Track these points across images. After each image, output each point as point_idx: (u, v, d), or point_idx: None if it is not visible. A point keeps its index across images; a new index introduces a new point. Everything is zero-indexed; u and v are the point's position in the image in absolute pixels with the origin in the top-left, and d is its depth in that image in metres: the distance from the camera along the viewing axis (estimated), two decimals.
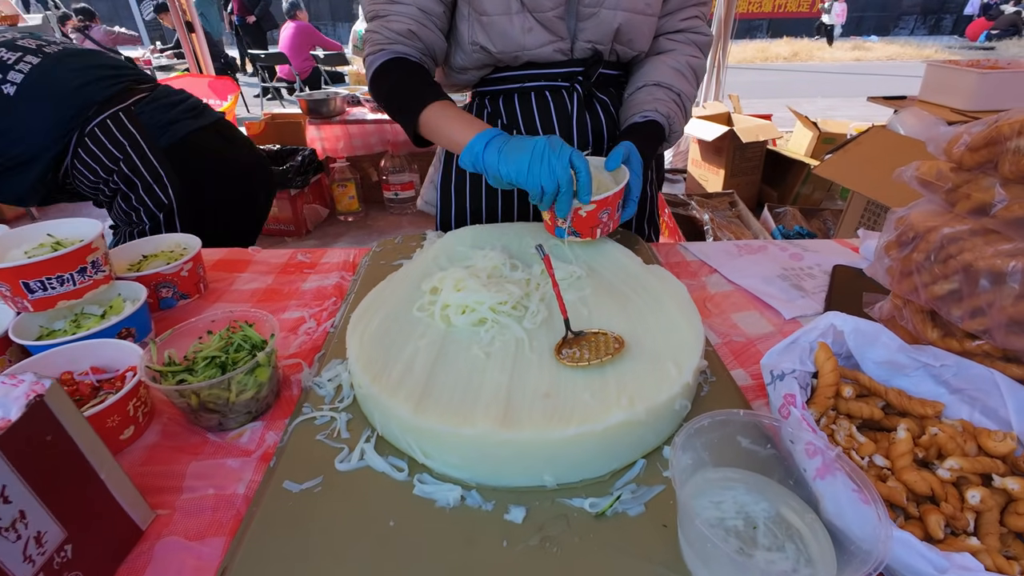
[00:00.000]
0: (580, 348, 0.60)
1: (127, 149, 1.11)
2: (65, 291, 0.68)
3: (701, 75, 0.94)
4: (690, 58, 0.92)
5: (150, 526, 0.50)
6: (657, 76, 0.90)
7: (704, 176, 3.69)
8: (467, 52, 0.87)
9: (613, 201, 0.76)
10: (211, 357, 0.62)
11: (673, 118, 0.88)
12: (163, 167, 1.15)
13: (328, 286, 0.90)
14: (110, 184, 1.15)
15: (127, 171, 1.12)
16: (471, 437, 0.48)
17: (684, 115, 0.91)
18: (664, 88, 0.89)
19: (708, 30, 0.94)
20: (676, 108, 0.89)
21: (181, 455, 0.57)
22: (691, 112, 0.93)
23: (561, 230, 0.78)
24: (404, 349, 0.60)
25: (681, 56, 0.91)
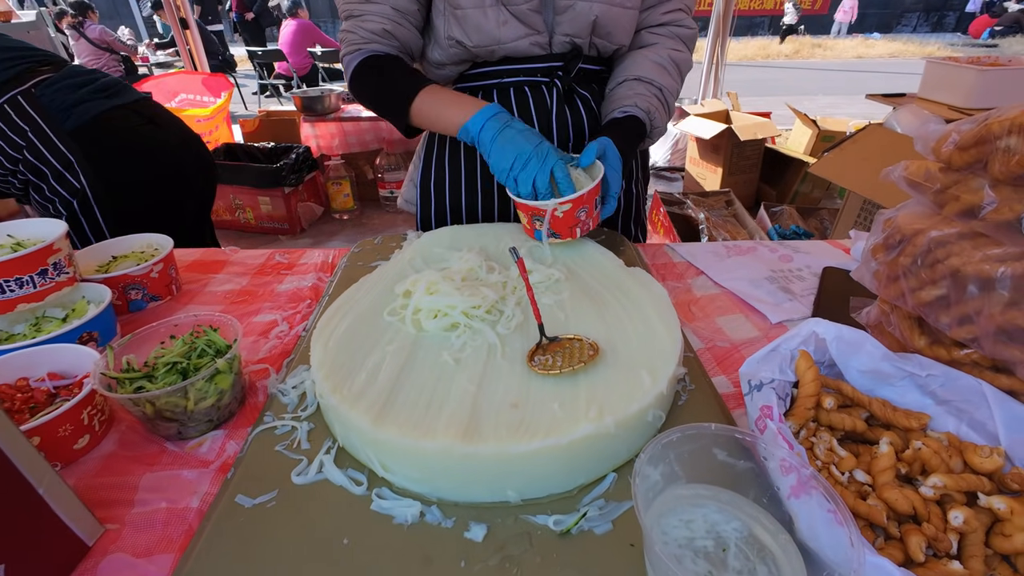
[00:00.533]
0: (553, 355, 0.58)
1: (29, 135, 1.05)
2: (25, 294, 0.66)
3: (685, 69, 0.91)
4: (672, 52, 0.90)
5: (98, 541, 0.48)
6: (638, 71, 0.88)
7: (702, 174, 3.66)
8: (444, 47, 0.85)
9: (589, 199, 0.74)
10: (172, 363, 0.59)
11: (654, 113, 0.86)
12: (71, 152, 1.08)
13: (304, 288, 0.88)
14: (18, 176, 1.09)
15: (32, 159, 1.06)
16: (431, 451, 0.46)
17: (667, 110, 0.89)
18: (645, 83, 0.87)
19: (692, 23, 0.92)
20: (658, 103, 0.87)
21: (136, 466, 0.55)
22: (674, 107, 0.91)
23: (539, 232, 0.76)
24: (370, 355, 0.58)
25: (663, 50, 0.89)
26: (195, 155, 1.34)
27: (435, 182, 0.98)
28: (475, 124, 0.75)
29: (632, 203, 1.04)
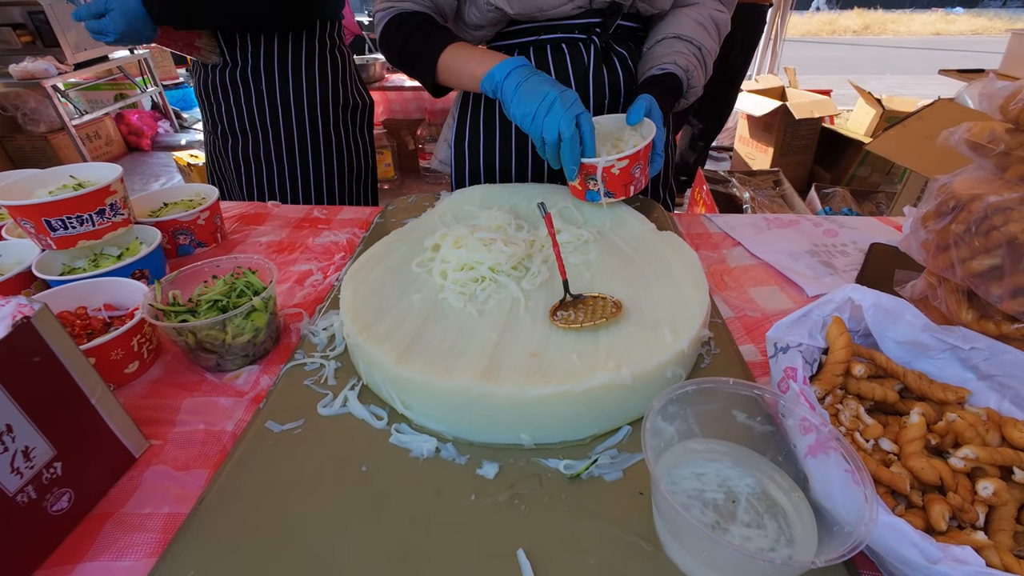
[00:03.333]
0: (576, 311, 0.58)
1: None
2: (85, 231, 0.71)
3: (724, 30, 0.87)
4: (714, 11, 0.86)
5: (143, 454, 0.52)
6: (678, 28, 0.84)
7: (751, 154, 3.49)
8: (482, 11, 0.83)
9: (644, 155, 0.73)
10: (214, 300, 0.63)
11: (692, 72, 0.82)
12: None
13: (340, 242, 0.90)
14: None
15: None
16: (449, 389, 0.47)
17: (704, 70, 0.85)
18: (685, 41, 0.84)
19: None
20: (696, 62, 0.83)
21: (179, 391, 0.59)
22: (711, 68, 0.87)
23: (594, 193, 0.75)
24: (398, 303, 0.60)
25: (705, 8, 0.85)
26: None
27: (469, 142, 0.98)
28: (500, 71, 0.73)
29: (662, 167, 1.01)
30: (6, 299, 0.41)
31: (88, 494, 0.47)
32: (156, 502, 0.47)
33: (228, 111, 1.14)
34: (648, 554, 0.39)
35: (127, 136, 4.37)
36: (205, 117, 1.21)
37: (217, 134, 1.19)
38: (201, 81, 1.17)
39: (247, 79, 1.10)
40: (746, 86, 3.49)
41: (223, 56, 1.09)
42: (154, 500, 0.47)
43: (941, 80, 2.48)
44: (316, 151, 1.18)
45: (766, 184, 2.36)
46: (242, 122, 1.14)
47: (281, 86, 1.11)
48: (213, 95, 1.14)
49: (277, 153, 1.16)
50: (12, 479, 0.40)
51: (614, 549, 0.39)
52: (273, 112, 1.12)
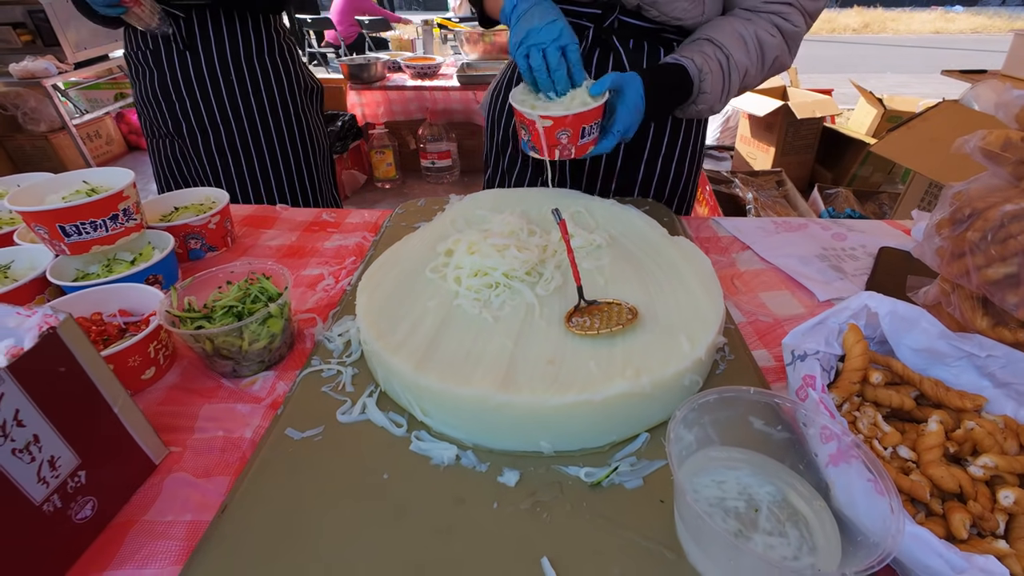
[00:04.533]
0: (591, 317, 0.58)
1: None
2: (98, 236, 0.71)
3: (770, 54, 0.80)
4: (762, 32, 0.79)
5: (163, 461, 0.52)
6: (713, 32, 0.80)
7: (752, 154, 3.50)
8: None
9: (573, 123, 0.71)
10: (229, 306, 0.63)
11: (708, 74, 0.78)
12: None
13: (349, 245, 0.91)
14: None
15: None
16: (468, 397, 0.48)
17: (726, 82, 0.80)
18: (714, 45, 0.79)
19: (799, 21, 0.80)
20: (718, 67, 0.79)
21: (196, 398, 0.59)
22: (736, 86, 0.81)
23: (524, 142, 0.77)
24: (413, 309, 0.60)
25: (751, 26, 0.80)
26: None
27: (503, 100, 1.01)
28: (510, 2, 0.75)
29: (682, 178, 1.00)
30: (31, 310, 0.41)
31: (111, 502, 0.47)
32: (178, 510, 0.47)
33: (196, 107, 1.15)
34: (671, 562, 0.39)
35: (127, 135, 4.36)
36: (160, 121, 1.19)
37: (183, 134, 1.18)
38: (158, 84, 1.14)
39: (214, 70, 1.13)
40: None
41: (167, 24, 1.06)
42: (176, 508, 0.47)
43: (942, 79, 2.48)
44: (291, 134, 1.23)
45: (769, 184, 2.36)
46: (212, 116, 1.15)
47: (250, 74, 1.15)
48: (176, 94, 1.14)
49: (255, 141, 1.19)
50: (39, 488, 0.40)
51: (637, 557, 0.40)
52: (245, 100, 1.16)
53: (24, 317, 0.40)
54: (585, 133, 0.73)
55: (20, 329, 0.39)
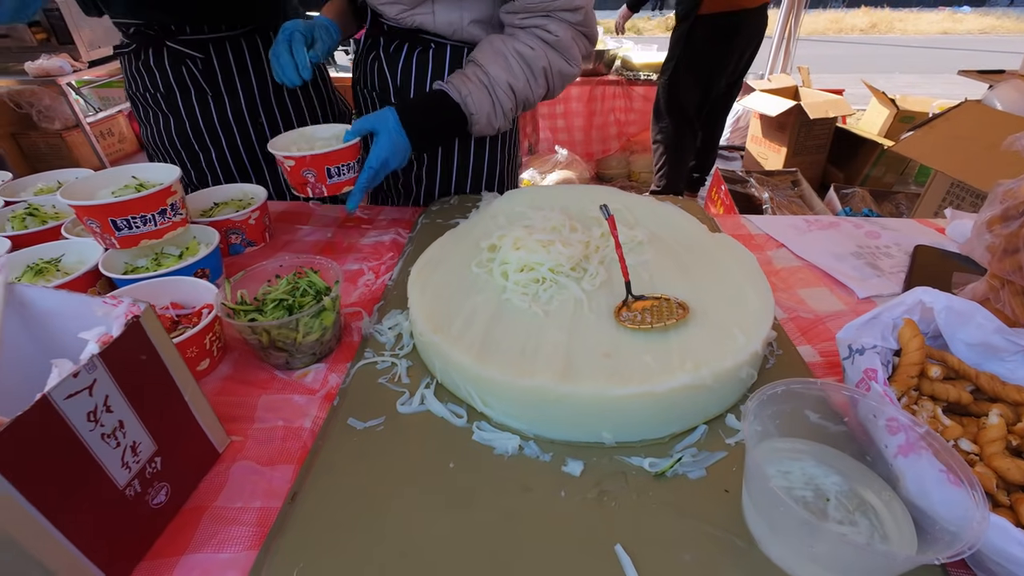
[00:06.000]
0: (641, 312, 0.59)
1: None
2: (147, 231, 0.72)
3: (537, 64, 0.84)
4: (522, 45, 0.84)
5: (226, 450, 0.53)
6: (476, 54, 0.86)
7: (763, 154, 3.50)
8: None
9: (313, 163, 0.77)
10: (279, 300, 0.64)
11: (469, 97, 0.83)
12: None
13: (385, 241, 0.91)
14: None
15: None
16: (531, 389, 0.48)
17: (493, 97, 0.85)
18: (475, 65, 0.85)
19: (557, 29, 0.83)
20: (479, 86, 0.83)
21: (252, 389, 0.60)
22: (515, 99, 0.86)
23: (284, 183, 0.83)
24: (464, 304, 0.61)
25: (513, 41, 0.84)
26: None
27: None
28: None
29: (497, 165, 1.08)
30: (117, 300, 0.42)
31: (181, 488, 0.48)
32: (247, 496, 0.48)
33: (222, 155, 1.07)
34: (742, 550, 0.40)
35: (139, 134, 4.38)
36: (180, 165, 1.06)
37: (207, 181, 1.09)
38: (175, 131, 1.05)
39: (240, 114, 1.05)
40: (759, 85, 3.49)
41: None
42: (244, 495, 0.48)
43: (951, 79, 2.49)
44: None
45: (784, 184, 2.36)
46: (240, 162, 1.08)
47: (281, 110, 1.10)
48: (199, 143, 1.06)
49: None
50: (122, 473, 0.41)
51: (707, 545, 0.41)
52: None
53: (111, 306, 0.41)
54: (333, 174, 0.80)
55: (108, 318, 0.40)
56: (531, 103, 0.90)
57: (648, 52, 3.57)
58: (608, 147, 3.52)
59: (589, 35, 0.88)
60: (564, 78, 0.89)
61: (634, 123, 3.48)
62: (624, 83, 3.32)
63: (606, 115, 3.41)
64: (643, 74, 3.34)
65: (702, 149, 2.97)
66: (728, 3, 2.32)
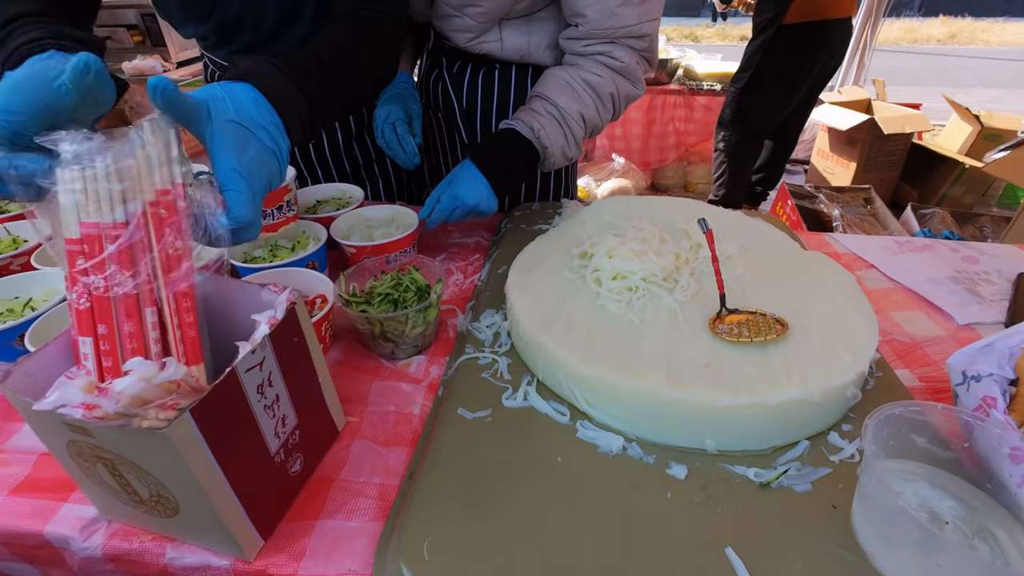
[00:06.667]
0: (738, 325, 0.60)
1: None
2: (267, 224, 0.79)
3: (604, 90, 0.86)
4: (589, 74, 0.85)
5: (344, 428, 0.58)
6: (540, 88, 0.88)
7: (830, 168, 3.37)
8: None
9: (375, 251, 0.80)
10: (386, 294, 0.69)
11: (542, 129, 0.85)
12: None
13: (469, 243, 0.96)
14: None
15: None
16: (637, 392, 0.51)
17: (565, 129, 0.86)
18: (542, 99, 0.86)
19: (623, 55, 0.84)
20: (550, 120, 0.85)
21: (363, 375, 0.65)
22: (586, 128, 0.88)
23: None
24: (561, 307, 0.63)
25: (578, 71, 0.86)
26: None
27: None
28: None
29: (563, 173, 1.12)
30: (281, 288, 0.47)
31: (311, 460, 0.53)
32: (367, 472, 0.53)
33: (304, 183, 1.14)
34: (853, 564, 0.41)
35: None
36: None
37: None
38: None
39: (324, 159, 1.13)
40: (829, 97, 3.37)
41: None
42: (365, 471, 0.53)
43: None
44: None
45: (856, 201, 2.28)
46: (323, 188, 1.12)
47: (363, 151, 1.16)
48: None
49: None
50: (274, 441, 0.46)
51: (817, 557, 0.42)
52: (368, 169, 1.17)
53: (275, 293, 0.47)
54: (391, 260, 0.79)
55: (274, 303, 0.46)
56: (599, 128, 0.92)
57: (712, 62, 3.52)
58: (665, 156, 3.48)
59: (651, 60, 0.89)
60: (629, 100, 0.91)
61: (694, 133, 3.42)
62: (686, 92, 3.28)
63: (665, 124, 3.38)
64: (706, 84, 3.29)
65: (770, 163, 2.89)
66: (813, 12, 2.24)
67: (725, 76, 3.21)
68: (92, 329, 0.39)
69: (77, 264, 0.39)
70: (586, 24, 0.83)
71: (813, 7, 2.24)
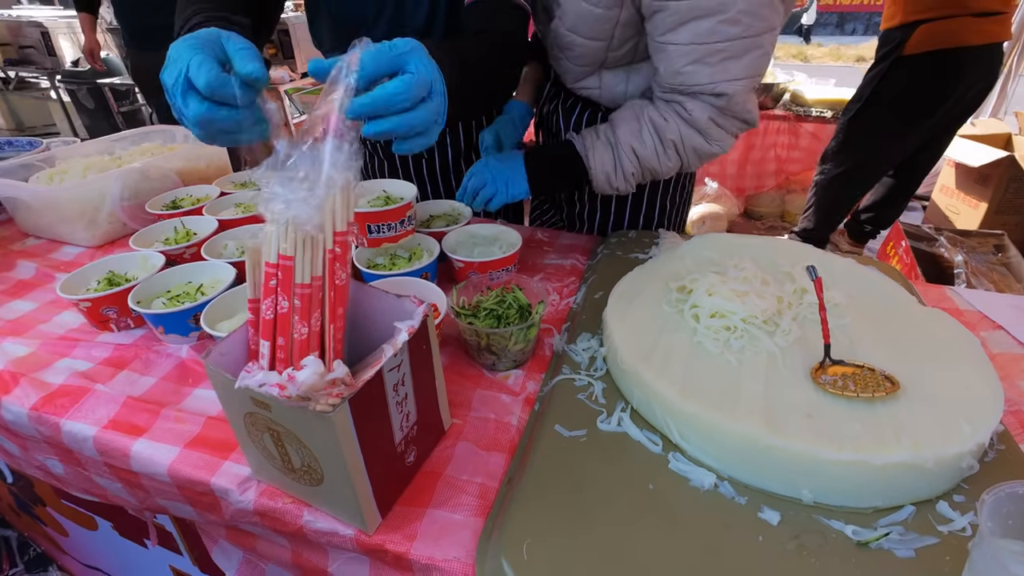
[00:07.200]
0: (843, 378, 0.59)
1: None
2: (390, 235, 0.88)
3: (668, 135, 0.86)
4: (655, 115, 0.86)
5: (449, 429, 0.64)
6: (616, 112, 0.91)
7: (955, 208, 3.05)
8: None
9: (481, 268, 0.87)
10: (491, 309, 0.75)
11: (591, 150, 0.89)
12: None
13: (565, 265, 1.00)
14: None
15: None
16: (734, 433, 0.52)
17: (616, 158, 0.89)
18: (609, 124, 0.90)
19: (695, 108, 0.83)
20: (604, 144, 0.89)
21: (466, 382, 0.71)
22: (638, 164, 0.89)
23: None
24: (659, 339, 0.66)
25: (648, 108, 0.87)
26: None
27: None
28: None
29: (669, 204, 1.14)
30: (419, 300, 0.54)
31: (422, 453, 0.59)
32: (470, 472, 0.58)
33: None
34: None
35: None
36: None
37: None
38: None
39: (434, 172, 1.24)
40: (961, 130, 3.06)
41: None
42: (468, 470, 0.59)
43: None
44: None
45: (984, 247, 2.05)
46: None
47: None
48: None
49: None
50: (399, 434, 0.53)
51: None
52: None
53: (415, 305, 0.54)
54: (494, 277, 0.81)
55: (414, 313, 0.53)
56: (659, 173, 0.91)
57: (823, 87, 3.33)
58: (763, 184, 3.33)
59: (740, 118, 0.85)
60: (700, 155, 0.89)
61: (797, 161, 3.25)
62: (792, 119, 3.13)
63: (766, 150, 3.24)
64: (815, 111, 3.12)
65: (886, 201, 2.64)
66: (948, 39, 1.99)
67: (837, 103, 3.03)
68: (272, 335, 0.48)
69: (271, 283, 0.48)
70: (657, 76, 0.86)
71: (949, 33, 2.02)
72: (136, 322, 0.82)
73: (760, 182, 3.36)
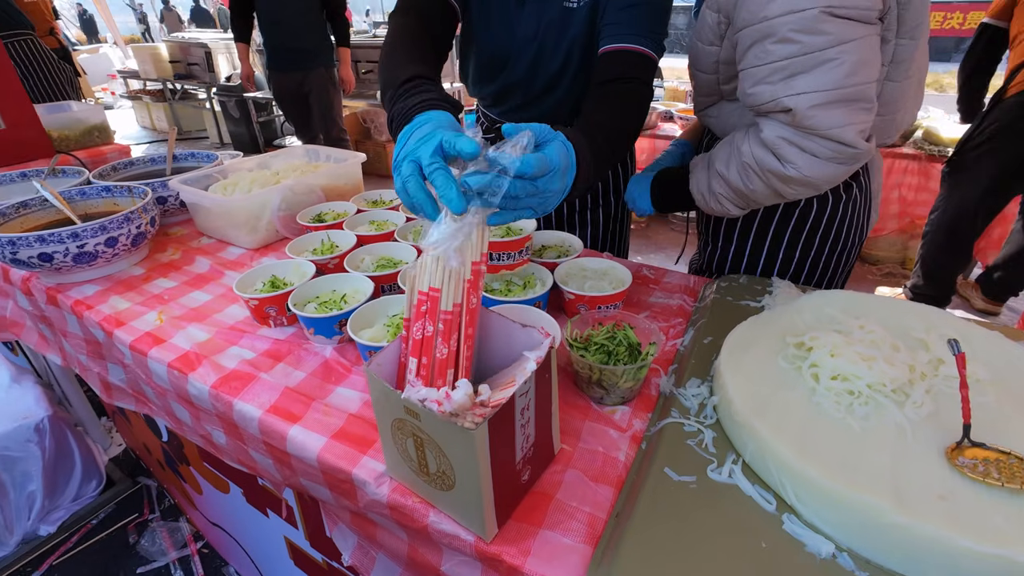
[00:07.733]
0: (983, 463, 0.56)
1: None
2: (508, 264, 0.95)
3: (741, 156, 0.91)
4: (741, 137, 0.94)
5: (558, 454, 0.68)
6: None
7: None
8: None
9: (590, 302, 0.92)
10: (601, 344, 0.79)
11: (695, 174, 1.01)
12: None
13: (672, 305, 1.01)
14: None
15: None
16: (857, 503, 0.51)
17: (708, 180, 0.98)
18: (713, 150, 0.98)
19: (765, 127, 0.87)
20: (703, 168, 0.99)
21: (575, 412, 0.75)
22: (724, 187, 0.96)
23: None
24: (775, 395, 0.66)
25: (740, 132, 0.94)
26: None
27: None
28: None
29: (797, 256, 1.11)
30: (546, 333, 0.60)
31: (535, 474, 0.64)
32: (579, 499, 0.62)
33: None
34: None
35: None
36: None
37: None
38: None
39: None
40: None
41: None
42: (576, 497, 0.62)
43: None
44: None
45: None
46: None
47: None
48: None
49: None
50: (519, 452, 0.58)
51: None
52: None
53: (543, 336, 0.59)
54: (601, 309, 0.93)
55: (542, 344, 0.58)
56: (748, 199, 0.95)
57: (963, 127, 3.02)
58: (884, 226, 3.07)
59: (824, 136, 0.80)
60: (781, 178, 0.87)
61: (925, 203, 2.96)
62: (923, 158, 2.87)
63: (889, 191, 2.99)
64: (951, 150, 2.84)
65: (1017, 256, 2.36)
66: None
67: None
68: (419, 354, 0.56)
69: (421, 309, 0.56)
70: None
71: None
72: (289, 321, 0.96)
73: (880, 224, 3.10)
